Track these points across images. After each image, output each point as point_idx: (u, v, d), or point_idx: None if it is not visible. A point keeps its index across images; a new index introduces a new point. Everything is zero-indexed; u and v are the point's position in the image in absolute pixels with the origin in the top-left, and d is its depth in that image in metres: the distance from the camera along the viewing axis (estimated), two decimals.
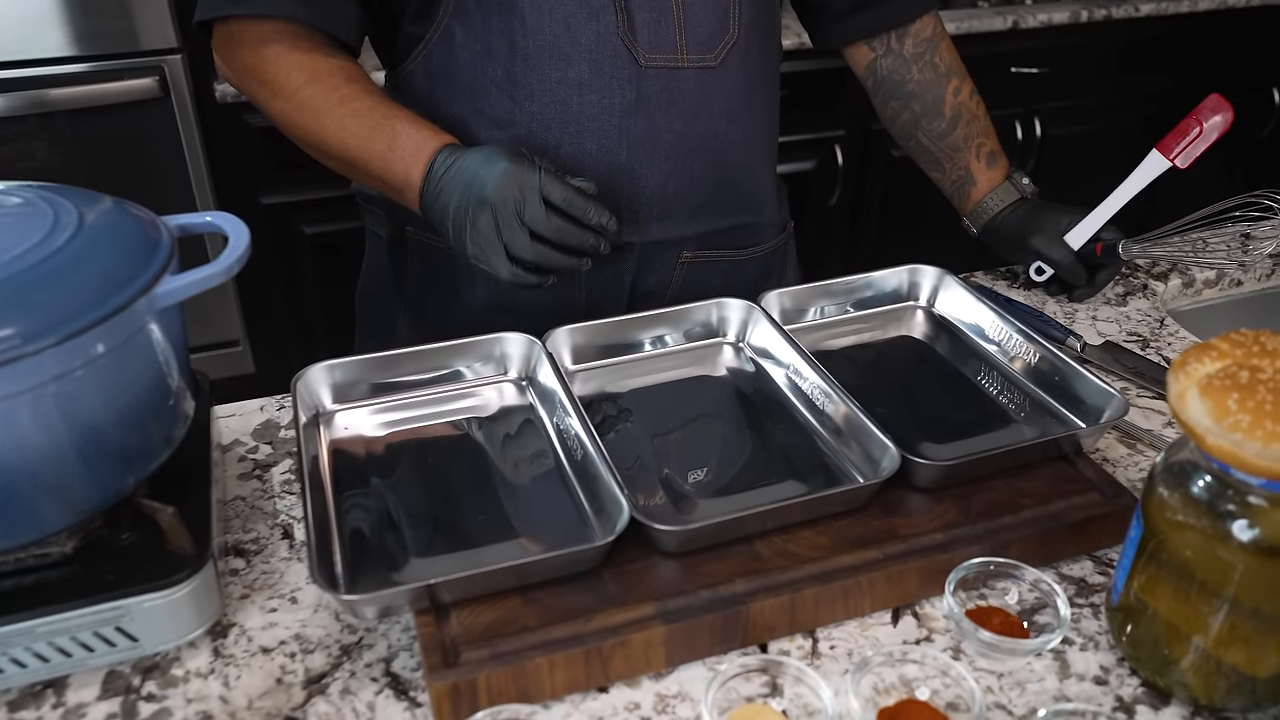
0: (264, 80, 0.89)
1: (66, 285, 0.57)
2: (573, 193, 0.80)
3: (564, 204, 0.80)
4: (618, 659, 0.62)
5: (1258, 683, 0.60)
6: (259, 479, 0.81)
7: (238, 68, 0.92)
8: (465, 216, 0.81)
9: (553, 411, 0.80)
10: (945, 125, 1.09)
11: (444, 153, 0.83)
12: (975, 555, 0.68)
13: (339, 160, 0.90)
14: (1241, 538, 0.56)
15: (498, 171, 0.80)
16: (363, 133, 0.86)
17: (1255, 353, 0.57)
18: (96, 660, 0.63)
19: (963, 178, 1.09)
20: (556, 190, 0.80)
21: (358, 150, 0.87)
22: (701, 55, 0.92)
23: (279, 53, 0.88)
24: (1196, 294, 1.14)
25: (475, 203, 0.80)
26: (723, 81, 0.94)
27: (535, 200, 0.79)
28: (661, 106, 0.92)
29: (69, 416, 0.58)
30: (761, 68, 0.99)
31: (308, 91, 0.87)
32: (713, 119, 0.95)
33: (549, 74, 0.89)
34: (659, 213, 0.96)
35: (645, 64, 0.90)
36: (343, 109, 0.87)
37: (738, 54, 0.94)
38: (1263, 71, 2.58)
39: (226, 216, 0.68)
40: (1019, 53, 2.30)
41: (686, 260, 1.01)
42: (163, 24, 1.72)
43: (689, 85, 0.92)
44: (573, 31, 0.88)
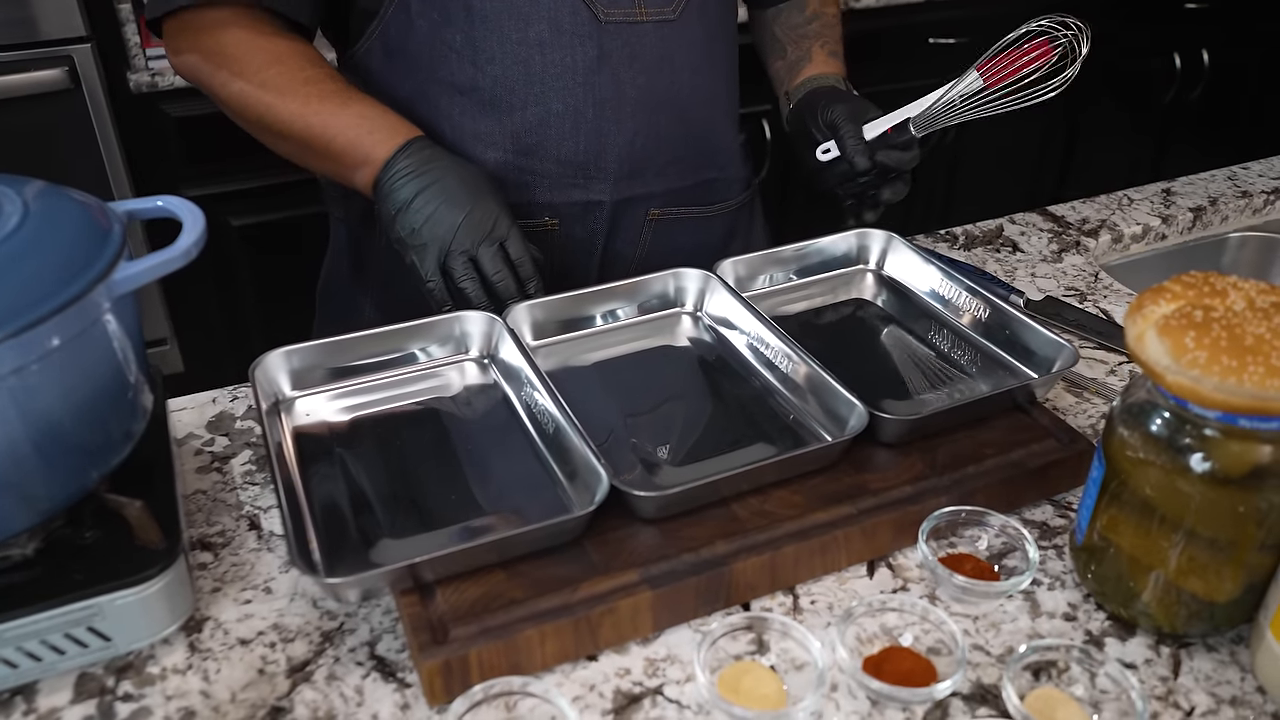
0: (224, 62, 0.88)
1: (19, 275, 0.55)
2: (528, 256, 0.83)
3: (517, 260, 0.83)
4: (606, 626, 0.62)
5: (1216, 608, 0.63)
6: (218, 471, 0.79)
7: (196, 53, 0.90)
8: (423, 216, 0.82)
9: (519, 388, 0.79)
10: (801, 19, 1.09)
11: (420, 142, 0.84)
12: (944, 505, 0.70)
13: (297, 140, 0.88)
14: (1198, 470, 0.59)
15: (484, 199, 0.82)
16: (328, 110, 0.85)
17: (1206, 293, 0.60)
18: (67, 663, 0.61)
19: (801, 59, 1.08)
20: (516, 246, 0.83)
21: (320, 128, 0.86)
22: (660, 9, 0.92)
23: (240, 37, 0.87)
24: (1125, 249, 1.19)
25: (445, 211, 0.81)
26: (683, 35, 0.94)
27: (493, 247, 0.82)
28: (624, 62, 0.92)
29: (27, 412, 0.56)
30: (719, 21, 0.99)
31: (271, 72, 0.87)
32: (675, 73, 0.95)
33: (509, 35, 0.89)
34: (628, 170, 0.96)
35: (605, 19, 0.90)
36: (307, 89, 0.86)
37: (695, 7, 0.95)
38: (1166, 37, 2.68)
39: (178, 200, 0.66)
40: (936, 23, 2.35)
41: (654, 218, 1.00)
42: (68, 12, 1.65)
43: (649, 40, 0.92)
44: None
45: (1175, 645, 0.64)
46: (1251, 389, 0.55)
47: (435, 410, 0.79)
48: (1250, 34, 2.78)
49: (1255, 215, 1.27)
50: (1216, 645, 0.64)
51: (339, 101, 0.86)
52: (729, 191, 1.07)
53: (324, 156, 0.87)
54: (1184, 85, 2.72)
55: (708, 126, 1.01)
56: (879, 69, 2.25)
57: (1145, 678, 0.62)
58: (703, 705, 0.60)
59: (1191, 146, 2.87)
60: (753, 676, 0.60)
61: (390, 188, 0.83)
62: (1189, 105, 2.77)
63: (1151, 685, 0.62)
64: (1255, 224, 1.26)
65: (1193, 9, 2.67)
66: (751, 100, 2.27)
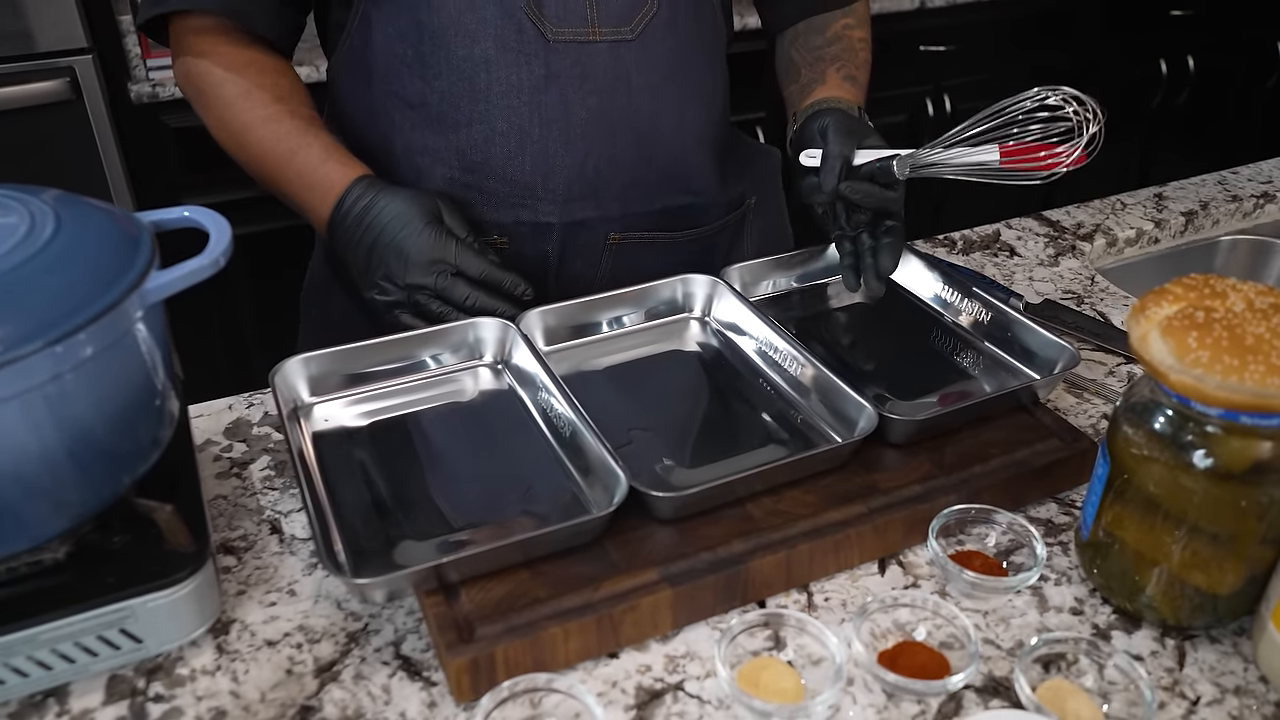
0: (201, 89, 0.92)
1: (55, 285, 0.56)
2: (488, 267, 0.83)
3: (480, 277, 0.83)
4: (627, 624, 0.63)
5: (1219, 600, 0.64)
6: (238, 477, 0.80)
7: (182, 73, 0.94)
8: (377, 274, 0.84)
9: (534, 392, 0.81)
10: (820, 41, 1.04)
11: (352, 195, 0.85)
12: (952, 504, 0.72)
13: (261, 177, 0.92)
14: (1201, 466, 0.60)
15: (415, 242, 0.82)
16: (280, 158, 0.89)
17: (1207, 295, 0.62)
18: (99, 665, 0.62)
19: (813, 81, 1.01)
20: (473, 266, 0.83)
21: (275, 176, 0.90)
22: (615, 28, 0.90)
23: (212, 67, 0.90)
24: (1119, 252, 1.21)
25: (389, 266, 0.83)
26: (642, 55, 0.92)
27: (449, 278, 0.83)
28: (573, 82, 0.90)
29: (62, 419, 0.57)
30: (694, 39, 0.95)
31: (237, 107, 0.90)
32: (632, 94, 0.92)
33: (455, 51, 0.88)
34: (579, 192, 0.94)
35: (553, 38, 0.88)
36: (264, 130, 0.89)
37: (659, 26, 0.92)
38: (1151, 43, 2.71)
39: (203, 210, 0.67)
40: (927, 31, 2.38)
41: (615, 243, 0.98)
42: (69, 24, 1.66)
43: (602, 60, 0.90)
44: (476, 7, 0.87)
45: (1180, 637, 0.66)
46: (1252, 387, 0.57)
47: (451, 415, 0.81)
48: (1235, 40, 2.82)
49: (1245, 219, 1.29)
50: (1220, 637, 0.66)
51: (287, 148, 0.88)
52: (704, 217, 1.03)
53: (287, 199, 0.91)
54: (1170, 91, 2.76)
55: (674, 151, 0.97)
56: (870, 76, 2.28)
57: (1152, 669, 0.64)
58: (723, 700, 0.62)
59: (1178, 152, 2.91)
60: (771, 671, 0.62)
61: (344, 255, 0.87)
62: (1175, 110, 2.81)
63: (1158, 676, 0.64)
64: (1245, 227, 1.29)
65: (1178, 15, 2.71)
66: (745, 108, 2.31)
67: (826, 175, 0.87)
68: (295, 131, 0.88)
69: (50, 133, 1.68)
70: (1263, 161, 1.40)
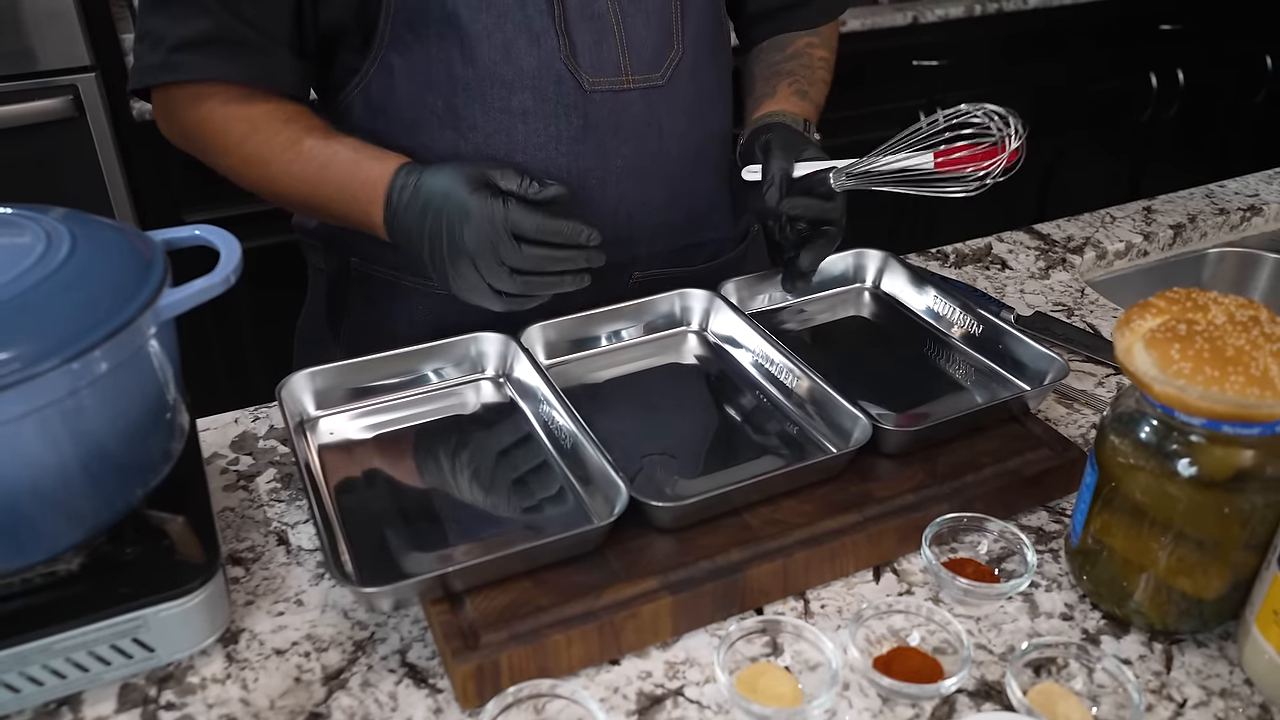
0: (206, 139, 0.88)
1: (72, 303, 0.58)
2: (544, 219, 0.78)
3: (538, 234, 0.79)
4: (629, 631, 0.65)
5: (1204, 605, 0.66)
6: (245, 489, 0.82)
7: (178, 131, 0.91)
8: (445, 263, 0.80)
9: (535, 405, 0.82)
10: (779, 57, 1.05)
11: (397, 187, 0.82)
12: (945, 512, 0.73)
13: (300, 207, 0.89)
14: (1185, 474, 0.62)
15: (465, 217, 0.78)
16: (311, 179, 0.85)
17: (1189, 308, 0.64)
18: (111, 674, 0.63)
19: (766, 94, 1.01)
20: (528, 223, 0.78)
21: (312, 197, 0.86)
22: (647, 75, 0.91)
23: (214, 108, 0.87)
24: (1109, 265, 1.23)
25: (451, 253, 0.79)
26: (672, 100, 0.93)
27: (508, 241, 0.78)
28: (609, 131, 0.90)
29: (78, 434, 0.58)
30: (713, 81, 0.98)
31: (249, 145, 0.86)
32: (663, 140, 0.93)
33: (492, 104, 0.87)
34: (611, 238, 0.89)
35: (590, 89, 0.88)
36: (286, 156, 0.85)
37: (685, 70, 0.93)
38: (1142, 57, 2.75)
39: (214, 229, 0.69)
40: (919, 46, 2.41)
41: (638, 281, 0.99)
42: (72, 42, 1.68)
43: (636, 107, 0.91)
44: (514, 59, 0.86)
45: (1167, 641, 0.68)
46: (1233, 397, 0.59)
47: (454, 427, 0.82)
48: (1224, 54, 2.86)
49: (1233, 231, 1.32)
50: (1206, 641, 0.68)
51: (317, 166, 0.85)
52: (719, 250, 1.06)
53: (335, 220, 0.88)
54: (1160, 104, 2.79)
55: (697, 190, 0.99)
56: (863, 92, 2.31)
57: (1140, 672, 0.66)
58: (722, 705, 0.63)
59: (1168, 164, 2.94)
60: (769, 677, 0.64)
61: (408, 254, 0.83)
62: (1165, 124, 2.84)
63: (1146, 679, 0.65)
64: (1233, 240, 1.31)
65: (1168, 30, 2.74)
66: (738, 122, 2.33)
67: (770, 191, 0.88)
68: (318, 146, 0.85)
69: (53, 150, 1.70)
70: (1249, 175, 1.43)
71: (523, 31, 0.86)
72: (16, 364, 0.54)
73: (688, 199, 0.99)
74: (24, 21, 1.62)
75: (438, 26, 0.86)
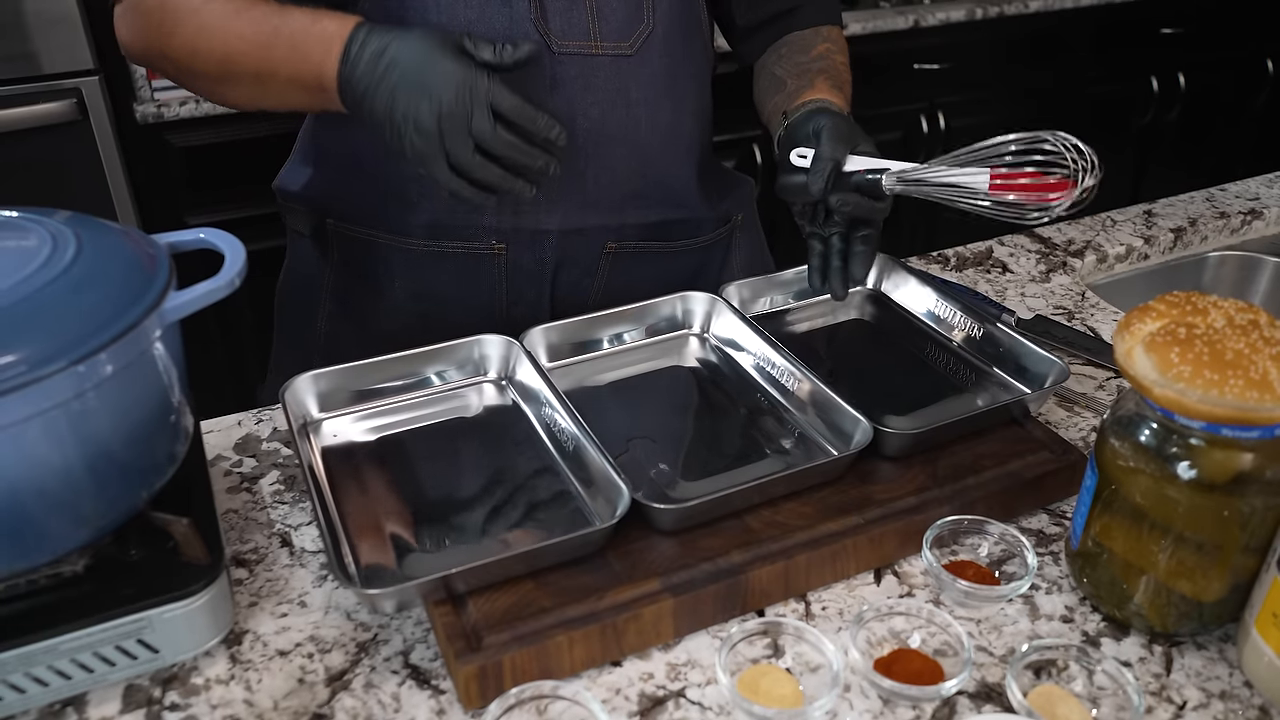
0: (164, 15, 0.86)
1: (78, 305, 0.58)
2: (521, 102, 0.77)
3: (513, 114, 0.77)
4: (630, 632, 0.65)
5: (1204, 608, 0.66)
6: (248, 491, 0.82)
7: (139, 14, 0.88)
8: (405, 121, 0.77)
9: (538, 408, 0.83)
10: (806, 59, 1.04)
11: (357, 40, 0.79)
12: (945, 515, 0.74)
13: (252, 78, 0.85)
14: (1185, 477, 0.62)
15: (442, 74, 0.75)
16: (264, 40, 0.83)
17: (1188, 311, 0.64)
18: (116, 674, 0.63)
19: (803, 87, 1.00)
20: (506, 99, 0.76)
21: (264, 62, 0.83)
22: (616, 44, 0.93)
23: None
24: (1109, 268, 1.23)
25: (416, 108, 0.76)
26: (640, 71, 0.94)
27: (483, 112, 0.76)
28: (577, 93, 0.92)
29: (84, 436, 0.59)
30: (685, 60, 0.99)
31: (203, 11, 0.84)
32: (630, 108, 0.95)
33: None
34: (578, 200, 0.95)
35: (558, 50, 0.90)
36: (237, 20, 0.83)
37: (655, 44, 0.95)
38: (1142, 60, 2.75)
39: (218, 232, 0.70)
40: (921, 50, 2.41)
41: (611, 251, 1.01)
42: (75, 46, 1.69)
43: (605, 73, 0.93)
44: (487, 18, 0.88)
45: (1167, 644, 0.68)
46: (1232, 400, 0.59)
47: (457, 430, 0.83)
48: (1225, 57, 2.87)
49: (1233, 235, 1.32)
50: (1206, 643, 0.68)
51: (270, 27, 0.82)
52: (695, 230, 1.06)
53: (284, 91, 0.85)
54: (1161, 107, 2.79)
55: (667, 165, 1.00)
56: (864, 95, 2.30)
57: (1140, 674, 0.66)
58: (723, 706, 0.63)
59: (1169, 167, 2.95)
60: (770, 678, 0.64)
61: (361, 111, 0.80)
62: (1167, 127, 2.85)
63: (1146, 681, 0.65)
64: (1233, 243, 1.31)
65: (1169, 33, 2.75)
66: (741, 125, 2.34)
67: (814, 178, 0.86)
68: (271, 12, 0.83)
69: (56, 153, 1.71)
70: (1250, 179, 1.43)
71: None
72: (23, 366, 0.54)
73: (657, 172, 1.00)
74: (28, 25, 1.63)
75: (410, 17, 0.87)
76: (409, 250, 0.99)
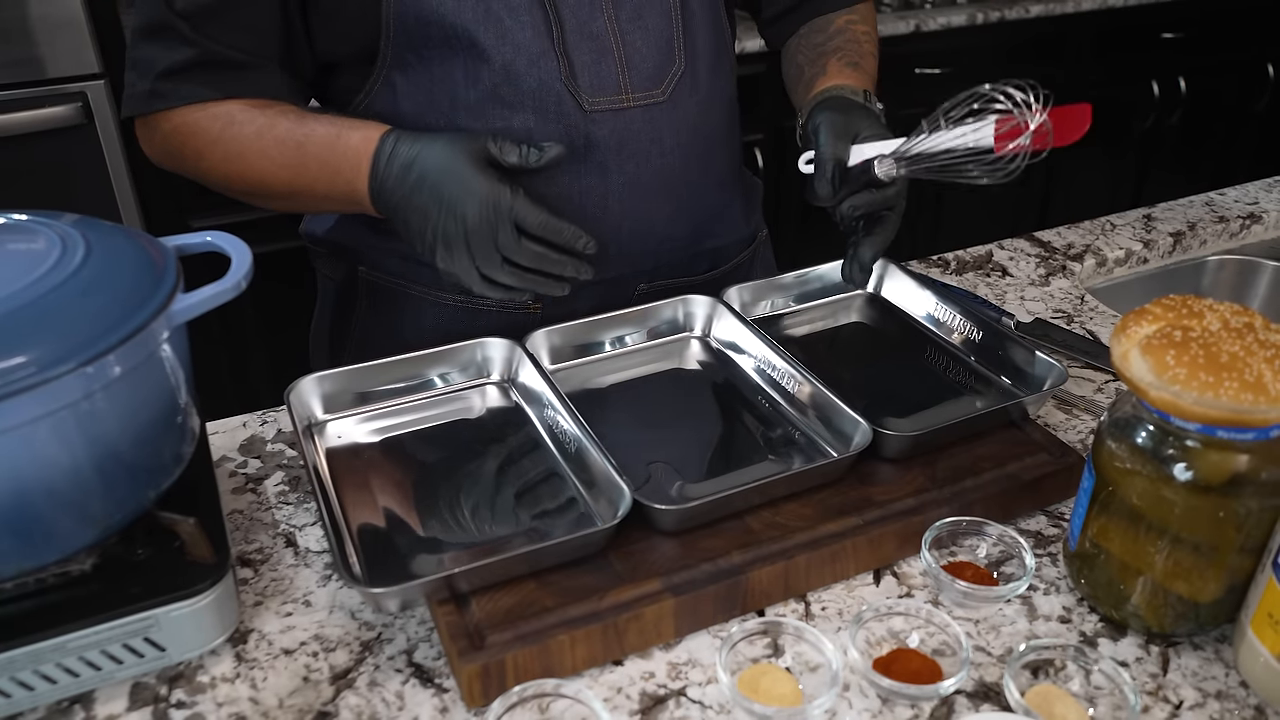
0: (184, 141, 0.87)
1: (87, 308, 0.59)
2: (548, 217, 0.79)
3: (538, 230, 0.79)
4: (632, 632, 0.66)
5: (1200, 608, 0.67)
6: (253, 492, 0.83)
7: (160, 149, 0.90)
8: (435, 239, 0.79)
9: (540, 410, 0.83)
10: (822, 38, 1.03)
11: (384, 155, 0.81)
12: (944, 516, 0.74)
13: (285, 197, 0.88)
14: (1181, 478, 0.63)
15: (467, 192, 0.77)
16: (290, 162, 0.84)
17: (1184, 314, 0.64)
18: (123, 672, 0.64)
19: (815, 75, 0.99)
20: (530, 216, 0.78)
21: (294, 182, 0.85)
22: (648, 91, 0.91)
23: (189, 112, 0.86)
24: (1109, 272, 1.24)
25: (444, 226, 0.78)
26: (673, 114, 0.93)
27: (508, 228, 0.78)
28: (612, 150, 0.90)
29: (92, 436, 0.59)
30: (714, 90, 0.97)
31: (226, 136, 0.85)
32: (665, 155, 0.93)
33: (493, 124, 0.87)
34: (614, 253, 0.94)
35: (590, 108, 0.88)
36: (262, 142, 0.84)
37: (687, 83, 0.93)
38: (1143, 65, 2.76)
39: (225, 235, 0.70)
40: (922, 54, 2.42)
41: (642, 291, 1.01)
42: (81, 50, 1.70)
43: (637, 125, 0.91)
44: (514, 80, 0.86)
45: (1164, 644, 0.69)
46: (1228, 403, 0.59)
47: (460, 432, 0.83)
48: (1226, 61, 2.87)
49: (1232, 239, 1.32)
50: (1202, 644, 0.69)
51: (294, 144, 0.83)
52: (724, 256, 1.06)
53: (319, 204, 0.87)
54: (1162, 112, 2.80)
55: (702, 200, 0.99)
56: None
57: (1136, 674, 0.66)
58: (724, 705, 0.64)
59: (1170, 171, 2.95)
60: (770, 677, 0.64)
61: (395, 222, 0.82)
62: (1168, 131, 2.85)
63: (1142, 681, 0.66)
64: (1232, 247, 1.32)
65: (1169, 38, 2.75)
66: (744, 129, 2.34)
67: (820, 184, 0.86)
68: (293, 126, 0.84)
69: (62, 157, 1.72)
70: (1249, 183, 1.43)
71: (521, 53, 0.86)
72: (33, 368, 0.55)
73: (692, 211, 0.99)
74: (33, 29, 1.64)
75: (439, 49, 0.86)
76: (443, 305, 0.98)
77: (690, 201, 0.98)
